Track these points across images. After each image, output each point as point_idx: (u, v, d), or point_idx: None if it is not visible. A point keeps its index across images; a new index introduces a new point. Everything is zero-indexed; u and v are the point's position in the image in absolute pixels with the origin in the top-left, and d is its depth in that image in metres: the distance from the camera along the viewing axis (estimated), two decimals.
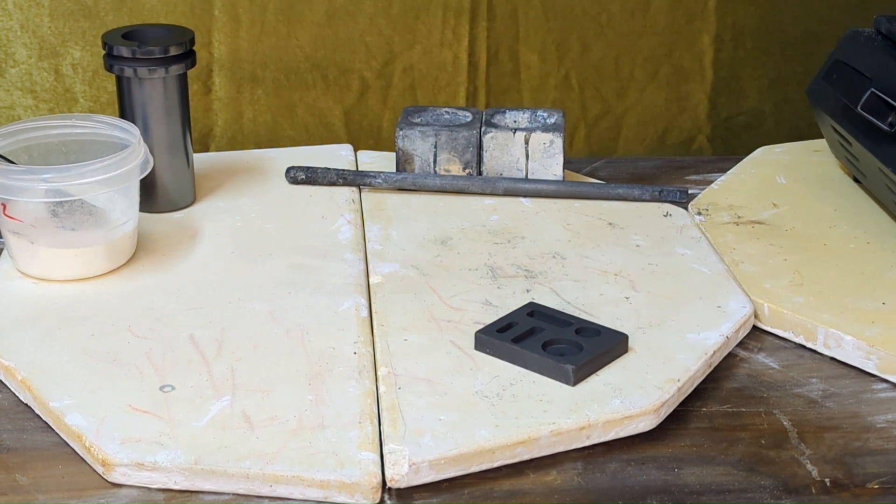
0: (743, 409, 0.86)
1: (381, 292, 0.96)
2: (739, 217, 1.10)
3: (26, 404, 0.85)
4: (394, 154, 1.17)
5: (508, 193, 1.13)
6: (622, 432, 0.81)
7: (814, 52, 1.42)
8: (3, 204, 0.97)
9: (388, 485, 0.76)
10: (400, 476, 0.76)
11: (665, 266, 1.01)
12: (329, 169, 1.15)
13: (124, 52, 1.05)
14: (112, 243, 0.98)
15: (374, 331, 0.91)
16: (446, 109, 1.19)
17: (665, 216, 1.10)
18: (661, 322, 0.92)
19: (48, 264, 0.97)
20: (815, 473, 0.79)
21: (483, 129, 1.15)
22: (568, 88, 1.39)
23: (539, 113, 1.18)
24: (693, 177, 1.23)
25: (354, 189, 1.15)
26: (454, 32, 1.34)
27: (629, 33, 1.38)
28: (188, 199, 1.11)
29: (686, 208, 1.12)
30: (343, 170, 1.15)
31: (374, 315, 0.93)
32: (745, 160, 1.23)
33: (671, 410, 0.84)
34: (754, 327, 0.95)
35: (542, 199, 1.13)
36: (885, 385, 0.88)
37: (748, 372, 0.90)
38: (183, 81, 1.08)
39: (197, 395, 0.83)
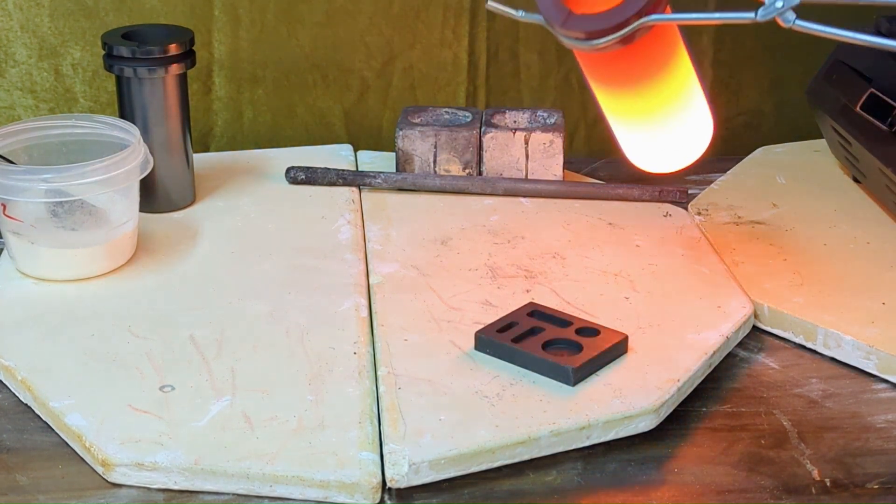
0: (743, 410, 0.86)
1: (381, 292, 0.96)
2: (739, 217, 1.10)
3: (26, 404, 0.85)
4: (394, 154, 1.17)
5: (508, 193, 1.13)
6: (622, 432, 0.81)
7: (814, 52, 1.41)
8: (3, 204, 0.97)
9: (388, 485, 0.76)
10: (400, 476, 0.76)
11: (665, 266, 1.01)
12: (329, 169, 1.15)
13: (124, 52, 1.05)
14: (112, 243, 0.98)
15: (374, 331, 0.91)
16: (446, 109, 1.19)
17: (665, 216, 1.10)
18: (661, 322, 0.92)
19: (48, 264, 0.97)
20: (815, 473, 0.79)
21: (483, 129, 1.15)
22: (568, 88, 1.38)
23: (539, 113, 1.18)
24: (693, 177, 1.23)
25: (354, 189, 1.15)
26: (454, 32, 1.34)
27: None
28: (188, 199, 1.11)
29: (686, 208, 1.12)
30: (343, 170, 1.15)
31: (374, 315, 0.93)
32: (745, 160, 1.23)
33: (671, 410, 0.84)
34: (754, 327, 0.95)
35: (542, 199, 1.13)
36: (884, 385, 0.88)
37: (748, 372, 0.90)
38: (183, 81, 1.08)
39: (197, 395, 0.83)
